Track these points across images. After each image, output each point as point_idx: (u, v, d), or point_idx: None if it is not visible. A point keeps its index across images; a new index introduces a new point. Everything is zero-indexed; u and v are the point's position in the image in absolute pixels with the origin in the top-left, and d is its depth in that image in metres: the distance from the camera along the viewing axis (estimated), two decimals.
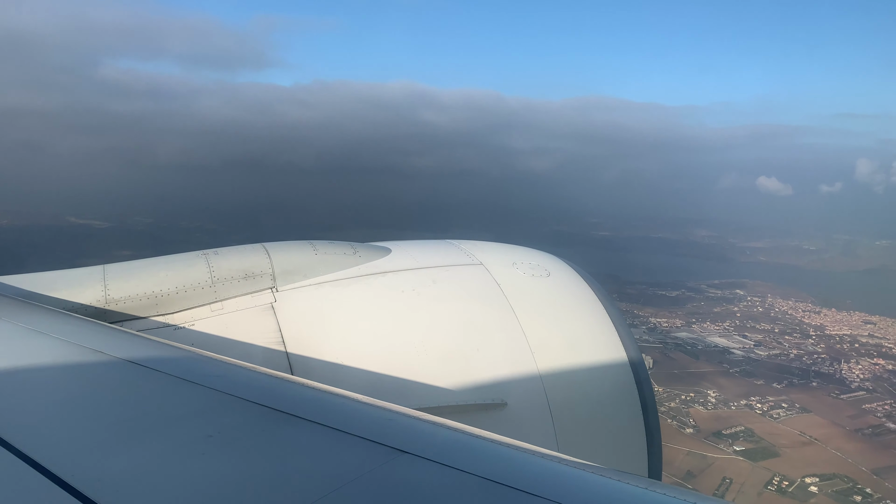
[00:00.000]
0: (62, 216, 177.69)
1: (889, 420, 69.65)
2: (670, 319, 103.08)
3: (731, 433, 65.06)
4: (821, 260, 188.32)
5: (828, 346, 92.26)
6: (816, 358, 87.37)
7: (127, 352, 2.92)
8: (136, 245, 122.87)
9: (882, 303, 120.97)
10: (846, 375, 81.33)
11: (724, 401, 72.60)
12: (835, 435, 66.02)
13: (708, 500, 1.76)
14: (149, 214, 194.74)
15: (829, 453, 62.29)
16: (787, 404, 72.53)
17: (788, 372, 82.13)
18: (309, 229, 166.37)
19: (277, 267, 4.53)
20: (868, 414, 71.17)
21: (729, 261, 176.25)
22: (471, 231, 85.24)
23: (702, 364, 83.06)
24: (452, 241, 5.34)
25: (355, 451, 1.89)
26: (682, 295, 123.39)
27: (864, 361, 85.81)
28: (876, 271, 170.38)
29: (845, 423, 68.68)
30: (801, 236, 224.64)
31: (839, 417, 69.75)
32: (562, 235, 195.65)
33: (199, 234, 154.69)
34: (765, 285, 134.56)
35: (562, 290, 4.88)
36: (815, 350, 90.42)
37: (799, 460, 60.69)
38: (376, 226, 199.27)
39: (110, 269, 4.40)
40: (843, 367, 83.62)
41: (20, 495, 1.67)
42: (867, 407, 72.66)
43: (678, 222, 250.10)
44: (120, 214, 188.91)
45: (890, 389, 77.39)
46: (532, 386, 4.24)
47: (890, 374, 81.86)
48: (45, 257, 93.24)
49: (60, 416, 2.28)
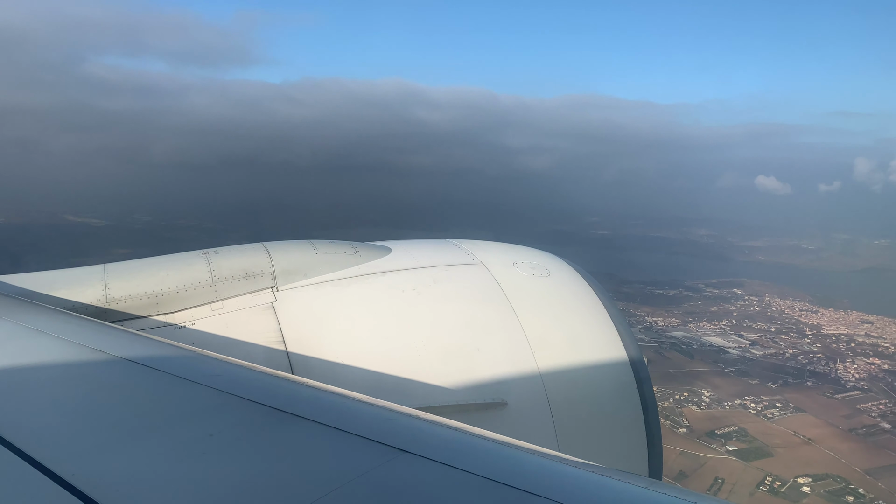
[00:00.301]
0: (60, 214, 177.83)
1: (883, 420, 69.38)
2: (666, 318, 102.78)
3: (725, 433, 64.76)
4: (819, 259, 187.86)
5: (824, 345, 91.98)
6: (812, 357, 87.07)
7: (128, 351, 2.93)
8: (134, 243, 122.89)
9: (880, 302, 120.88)
10: (841, 375, 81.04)
11: (718, 400, 72.34)
12: (829, 435, 65.74)
13: (709, 499, 1.73)
14: (147, 212, 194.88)
15: (823, 453, 62.05)
16: (782, 404, 72.25)
17: (783, 371, 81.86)
18: (306, 228, 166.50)
19: (278, 266, 4.53)
20: (862, 414, 70.87)
21: (727, 260, 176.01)
22: (467, 230, 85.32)
23: (696, 363, 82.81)
24: (453, 240, 5.35)
25: (356, 451, 1.89)
26: (679, 294, 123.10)
27: (859, 361, 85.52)
28: (874, 270, 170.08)
29: (839, 423, 68.41)
30: (800, 235, 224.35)
31: (833, 417, 69.49)
32: (560, 234, 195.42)
33: (196, 232, 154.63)
34: (763, 284, 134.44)
35: (562, 289, 4.87)
36: (811, 349, 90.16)
37: (792, 460, 60.46)
38: (373, 224, 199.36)
39: (111, 269, 4.42)
40: (838, 367, 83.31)
41: (21, 495, 1.68)
42: (862, 407, 72.35)
43: (677, 221, 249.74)
44: (118, 213, 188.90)
45: (885, 389, 77.14)
46: (532, 385, 4.24)
47: (885, 374, 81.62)
48: (41, 255, 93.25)
49: (61, 416, 2.28)
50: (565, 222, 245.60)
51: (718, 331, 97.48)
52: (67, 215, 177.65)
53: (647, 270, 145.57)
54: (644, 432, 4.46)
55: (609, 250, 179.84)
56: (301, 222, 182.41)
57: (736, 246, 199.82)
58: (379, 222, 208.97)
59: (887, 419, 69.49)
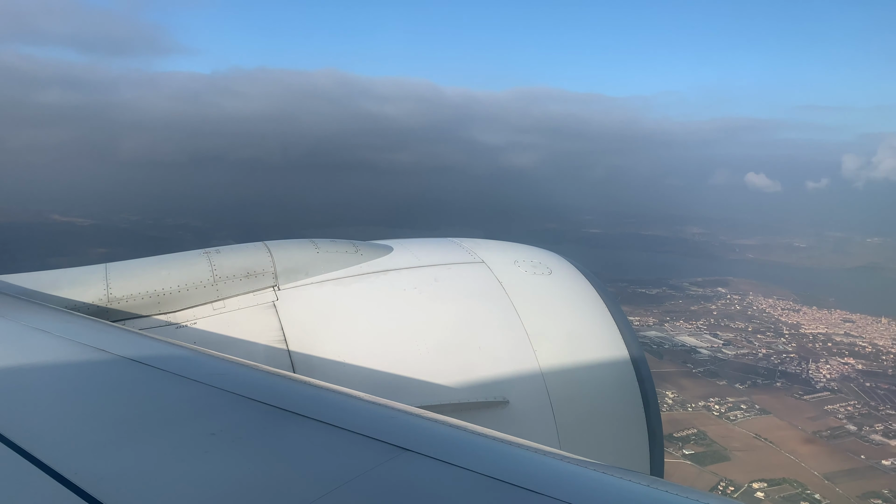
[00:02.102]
0: (45, 213, 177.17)
1: (850, 422, 67.76)
2: (643, 318, 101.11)
3: (683, 436, 63.04)
4: (811, 257, 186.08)
5: (800, 345, 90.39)
6: (785, 357, 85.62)
7: (129, 350, 2.94)
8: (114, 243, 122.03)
9: (865, 301, 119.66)
10: (813, 376, 79.51)
11: (681, 402, 70.75)
12: (791, 437, 64.17)
13: (711, 497, 1.65)
14: (136, 212, 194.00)
15: (783, 457, 60.42)
16: (747, 405, 70.70)
17: (754, 372, 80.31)
18: (297, 227, 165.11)
19: (279, 265, 4.53)
20: (829, 415, 69.30)
21: (717, 258, 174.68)
22: (457, 228, 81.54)
23: (665, 364, 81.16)
24: (454, 239, 5.36)
25: (357, 449, 1.90)
26: (662, 293, 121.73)
27: (833, 361, 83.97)
28: (866, 269, 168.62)
29: (804, 425, 66.86)
30: (792, 233, 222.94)
31: (798, 419, 67.90)
32: (551, 233, 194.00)
33: (182, 231, 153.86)
34: (748, 283, 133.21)
35: (563, 287, 4.87)
36: (786, 349, 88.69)
37: (749, 464, 58.77)
38: (365, 223, 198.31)
39: (112, 268, 4.41)
40: (810, 368, 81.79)
41: (24, 494, 1.68)
42: (829, 408, 70.82)
43: (670, 219, 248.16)
44: (104, 212, 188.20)
45: (856, 390, 75.52)
46: (534, 384, 4.25)
47: (858, 374, 79.98)
48: (16, 255, 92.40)
49: (64, 415, 2.28)
50: (557, 220, 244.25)
51: (693, 330, 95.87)
52: (54, 214, 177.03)
53: (633, 269, 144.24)
54: (645, 430, 4.44)
55: (599, 249, 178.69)
56: (291, 221, 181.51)
57: (727, 244, 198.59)
58: (371, 221, 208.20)
59: (854, 421, 67.86)
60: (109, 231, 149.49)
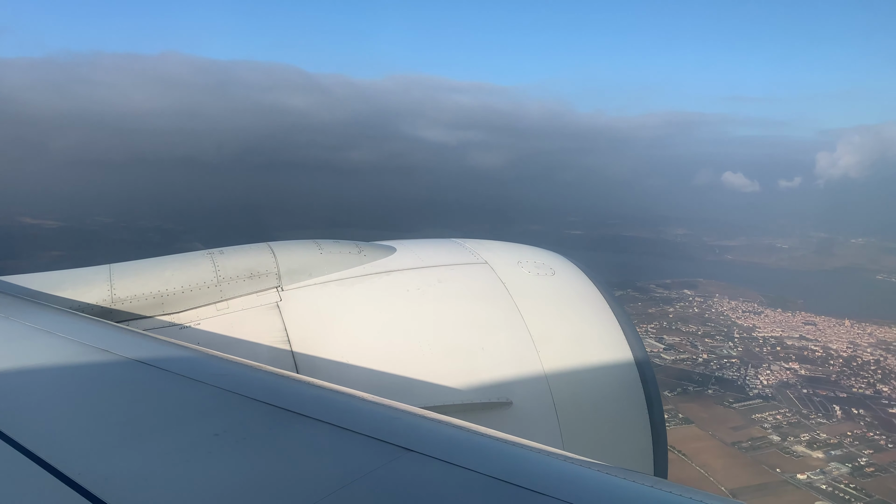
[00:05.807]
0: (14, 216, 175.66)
1: (775, 432, 64.03)
2: None
3: None
4: (791, 258, 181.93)
5: (747, 349, 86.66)
6: (726, 363, 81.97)
7: (133, 351, 2.94)
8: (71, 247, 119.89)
9: (835, 303, 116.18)
10: (749, 382, 75.90)
11: None
12: (707, 449, 60.52)
13: (715, 498, 1.65)
14: (110, 214, 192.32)
15: (692, 471, 56.62)
16: (670, 415, 66.82)
17: (688, 378, 76.69)
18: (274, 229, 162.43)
19: (283, 266, 4.55)
20: (755, 425, 65.62)
21: (694, 260, 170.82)
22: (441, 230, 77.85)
23: None
24: (457, 239, 5.36)
25: (361, 450, 1.90)
26: (625, 295, 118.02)
27: (776, 366, 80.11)
28: (846, 270, 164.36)
29: (725, 436, 63.21)
30: (775, 233, 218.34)
31: (721, 429, 64.23)
32: (534, 234, 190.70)
33: (152, 233, 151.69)
34: (717, 284, 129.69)
35: (567, 288, 4.87)
36: (729, 354, 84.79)
37: None
38: (346, 225, 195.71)
39: (116, 269, 4.43)
40: (748, 373, 77.94)
41: (28, 494, 1.69)
42: (757, 416, 67.11)
43: (654, 220, 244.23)
44: (79, 214, 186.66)
45: (790, 396, 71.84)
46: (537, 385, 4.24)
47: (799, 380, 76.25)
48: None
49: (67, 415, 2.30)
50: (541, 221, 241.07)
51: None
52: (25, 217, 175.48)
53: (602, 271, 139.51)
54: (649, 431, 4.42)
55: (577, 250, 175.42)
56: (264, 224, 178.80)
57: (708, 245, 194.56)
58: (350, 224, 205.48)
59: (780, 431, 64.13)
60: (81, 233, 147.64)
